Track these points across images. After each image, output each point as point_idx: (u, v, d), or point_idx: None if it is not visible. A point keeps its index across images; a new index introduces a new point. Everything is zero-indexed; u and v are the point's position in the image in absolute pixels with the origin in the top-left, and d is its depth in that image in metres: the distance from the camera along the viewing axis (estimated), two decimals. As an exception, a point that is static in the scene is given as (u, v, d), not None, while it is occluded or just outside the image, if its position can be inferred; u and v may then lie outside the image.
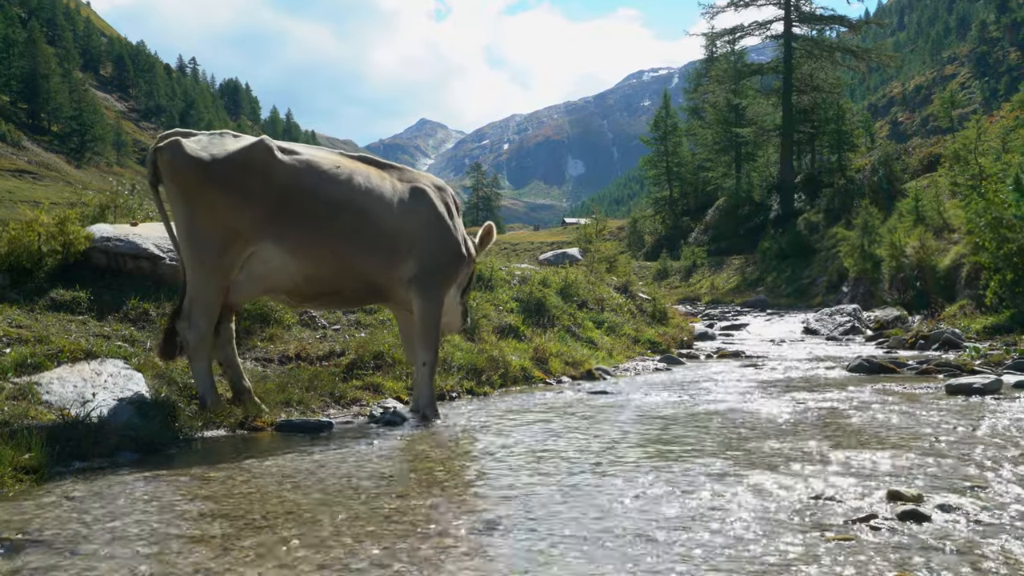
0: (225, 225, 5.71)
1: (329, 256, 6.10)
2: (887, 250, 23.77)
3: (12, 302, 6.93)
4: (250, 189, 5.73)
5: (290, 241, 5.91)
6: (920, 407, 7.06)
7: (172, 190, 5.67)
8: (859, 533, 3.48)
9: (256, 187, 5.75)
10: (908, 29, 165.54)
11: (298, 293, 6.23)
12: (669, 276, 44.75)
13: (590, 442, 5.72)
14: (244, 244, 5.80)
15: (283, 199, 5.84)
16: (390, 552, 3.32)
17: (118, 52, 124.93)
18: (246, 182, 5.72)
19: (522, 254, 58.02)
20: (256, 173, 5.76)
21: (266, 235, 5.84)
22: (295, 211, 5.88)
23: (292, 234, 5.90)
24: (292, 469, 4.83)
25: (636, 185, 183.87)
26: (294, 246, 5.94)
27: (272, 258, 5.92)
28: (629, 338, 13.63)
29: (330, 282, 6.23)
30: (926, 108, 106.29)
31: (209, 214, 5.66)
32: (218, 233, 5.70)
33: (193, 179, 5.60)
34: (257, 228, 5.80)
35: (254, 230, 5.79)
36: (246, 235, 5.78)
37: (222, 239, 5.72)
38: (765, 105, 48.43)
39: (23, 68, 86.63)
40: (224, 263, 5.79)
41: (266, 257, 5.91)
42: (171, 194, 5.71)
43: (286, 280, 6.07)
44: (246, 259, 5.91)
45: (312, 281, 6.13)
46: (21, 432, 4.66)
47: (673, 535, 3.49)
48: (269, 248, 5.89)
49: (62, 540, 3.45)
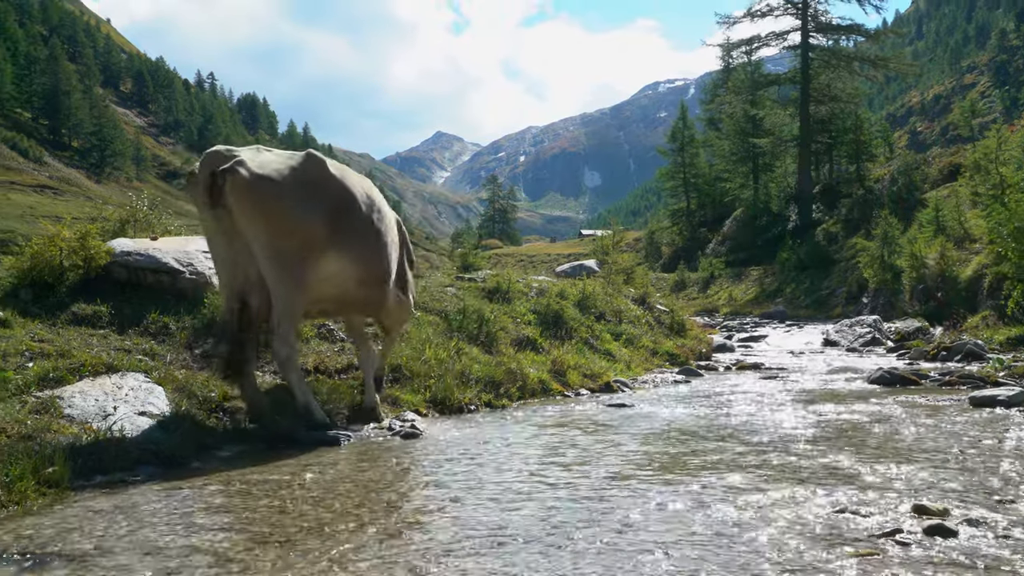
0: (303, 236, 5.87)
1: (375, 260, 6.52)
2: (907, 260, 23.56)
3: (35, 316, 6.99)
4: (315, 200, 5.96)
5: (348, 249, 6.22)
6: (944, 419, 6.98)
7: (246, 210, 5.66)
8: (885, 548, 3.43)
9: (319, 198, 6.00)
10: (927, 38, 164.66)
11: (340, 300, 6.57)
12: (687, 288, 44.56)
13: (609, 455, 5.69)
14: (318, 254, 6.01)
15: (338, 208, 6.14)
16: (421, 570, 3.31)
17: (138, 68, 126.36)
18: (311, 194, 5.95)
19: (539, 266, 58.03)
20: (317, 185, 6.03)
21: (330, 244, 6.07)
22: (347, 217, 6.20)
23: (349, 241, 6.21)
24: (312, 482, 4.83)
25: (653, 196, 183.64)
26: (354, 255, 6.29)
27: (331, 265, 6.15)
28: (647, 350, 13.57)
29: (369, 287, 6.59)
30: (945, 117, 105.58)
31: (288, 227, 5.79)
32: (299, 246, 5.86)
33: (269, 197, 5.70)
34: (325, 237, 6.01)
35: (323, 239, 6.01)
36: (320, 245, 6.00)
37: (303, 252, 5.89)
38: (782, 115, 48.22)
39: (45, 85, 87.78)
40: (307, 275, 5.98)
41: (326, 265, 6.12)
42: (244, 214, 5.68)
43: (337, 288, 6.35)
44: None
45: (362, 284, 6.48)
46: (44, 446, 4.69)
47: (695, 550, 3.46)
48: (331, 256, 6.11)
49: (85, 553, 3.46)
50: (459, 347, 9.15)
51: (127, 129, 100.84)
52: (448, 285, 12.38)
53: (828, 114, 45.82)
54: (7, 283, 7.53)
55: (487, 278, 13.23)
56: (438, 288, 11.80)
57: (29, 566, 3.31)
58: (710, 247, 52.12)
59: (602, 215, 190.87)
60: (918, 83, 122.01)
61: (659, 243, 60.89)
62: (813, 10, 45.75)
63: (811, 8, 45.54)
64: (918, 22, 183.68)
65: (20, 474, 4.29)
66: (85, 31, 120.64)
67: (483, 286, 12.46)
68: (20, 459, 4.42)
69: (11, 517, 4.03)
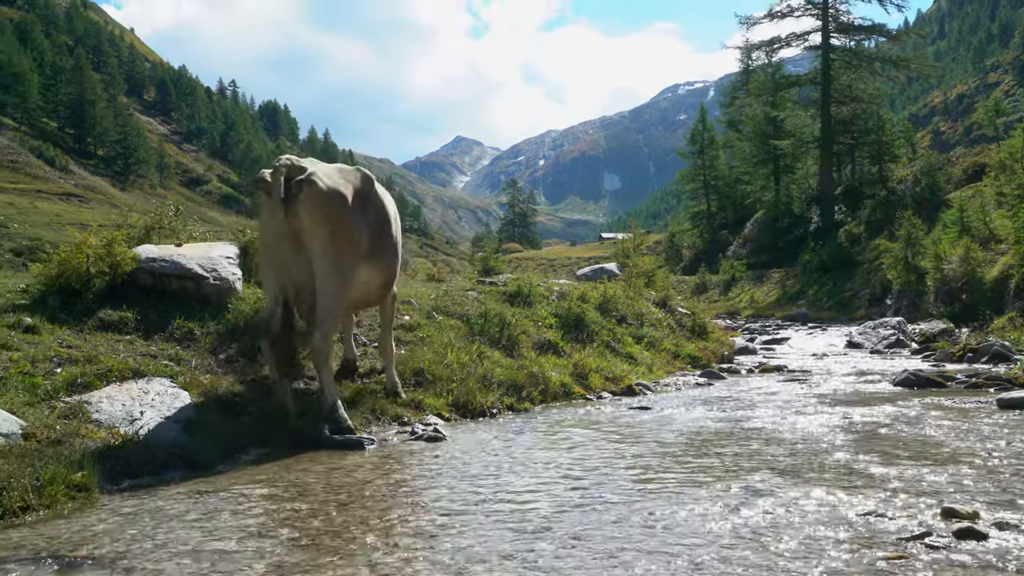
0: (357, 245, 6.58)
1: (393, 267, 7.37)
2: (932, 262, 23.31)
3: (63, 323, 7.07)
4: (366, 214, 6.75)
5: (380, 259, 7.02)
6: (971, 422, 6.90)
7: (316, 218, 6.24)
8: (914, 551, 3.40)
9: (368, 212, 6.80)
10: (949, 37, 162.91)
11: (363, 301, 7.47)
12: (708, 290, 44.35)
13: (633, 458, 5.67)
14: (360, 261, 6.70)
15: (379, 222, 6.96)
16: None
17: (161, 77, 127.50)
18: (364, 208, 6.73)
19: (559, 269, 58.00)
20: (367, 200, 6.83)
21: (370, 253, 6.82)
22: (382, 231, 7.01)
23: (382, 251, 7.03)
24: (337, 486, 4.86)
25: (672, 199, 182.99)
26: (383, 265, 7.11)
27: (365, 273, 6.87)
28: (669, 353, 13.52)
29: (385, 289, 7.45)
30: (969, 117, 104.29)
31: (348, 237, 6.46)
32: (352, 253, 6.54)
33: (337, 208, 6.36)
34: (367, 247, 6.74)
35: (366, 249, 6.74)
36: (364, 253, 6.71)
37: (354, 258, 6.58)
38: (803, 117, 47.89)
39: (70, 94, 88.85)
40: (354, 278, 6.65)
41: (363, 272, 6.82)
42: (313, 221, 6.24)
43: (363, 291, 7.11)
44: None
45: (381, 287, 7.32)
46: (73, 450, 4.75)
47: (722, 552, 3.44)
48: (368, 264, 6.86)
49: (114, 557, 3.50)
50: (481, 351, 9.15)
51: (150, 137, 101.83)
52: (469, 289, 12.40)
53: (850, 115, 45.43)
54: (36, 290, 7.63)
55: (508, 282, 13.24)
56: (459, 292, 11.82)
57: (58, 569, 3.35)
58: (731, 249, 51.82)
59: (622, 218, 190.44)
60: (941, 83, 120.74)
61: (680, 246, 60.62)
62: (834, 10, 45.44)
63: (832, 8, 45.23)
64: (940, 21, 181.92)
65: (50, 478, 4.34)
66: (110, 41, 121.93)
67: (504, 290, 12.46)
68: (50, 463, 4.47)
69: (42, 520, 4.08)
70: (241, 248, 9.15)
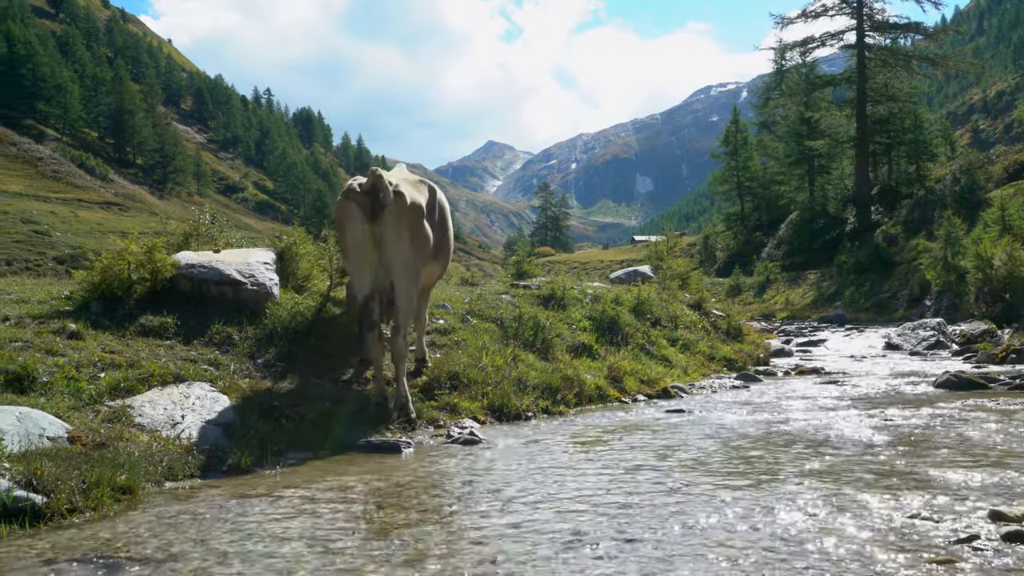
0: (427, 250, 7.22)
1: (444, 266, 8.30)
2: (972, 261, 22.88)
3: (105, 328, 7.20)
4: (433, 222, 7.47)
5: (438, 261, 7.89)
6: (1015, 423, 6.76)
7: (400, 225, 6.85)
8: (962, 554, 3.34)
9: (435, 220, 7.57)
10: (988, 34, 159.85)
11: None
12: (742, 292, 43.93)
13: (672, 461, 5.64)
14: (426, 265, 7.40)
15: (440, 228, 7.74)
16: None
17: (197, 86, 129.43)
18: (432, 217, 7.47)
19: (592, 273, 57.83)
20: (433, 210, 7.60)
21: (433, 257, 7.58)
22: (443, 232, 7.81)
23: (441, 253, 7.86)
24: (376, 490, 4.89)
25: (706, 201, 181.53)
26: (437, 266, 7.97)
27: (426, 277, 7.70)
28: (704, 355, 13.41)
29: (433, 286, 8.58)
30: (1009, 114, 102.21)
31: (423, 244, 7.10)
32: (425, 258, 7.23)
33: (418, 218, 7.02)
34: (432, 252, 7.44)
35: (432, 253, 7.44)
36: (431, 254, 7.44)
37: (425, 261, 7.28)
38: (839, 117, 47.32)
39: (110, 105, 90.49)
40: (419, 282, 7.30)
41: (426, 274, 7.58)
42: (396, 228, 6.83)
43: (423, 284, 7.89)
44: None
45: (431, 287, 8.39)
46: (117, 454, 4.83)
47: (765, 555, 3.41)
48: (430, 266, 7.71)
49: (158, 558, 3.55)
50: (515, 354, 9.15)
51: (188, 146, 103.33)
52: (503, 292, 12.41)
53: (886, 114, 44.79)
54: (79, 297, 7.78)
55: (541, 285, 13.22)
56: (493, 296, 11.83)
57: (104, 571, 3.41)
58: (765, 251, 51.28)
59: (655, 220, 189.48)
60: (980, 80, 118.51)
61: (713, 247, 60.13)
62: (869, 9, 44.83)
63: (867, 7, 44.64)
64: (979, 18, 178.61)
65: (96, 481, 4.42)
66: (148, 52, 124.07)
67: (538, 293, 12.45)
68: (95, 466, 4.56)
69: (88, 522, 4.16)
70: (278, 254, 9.23)
